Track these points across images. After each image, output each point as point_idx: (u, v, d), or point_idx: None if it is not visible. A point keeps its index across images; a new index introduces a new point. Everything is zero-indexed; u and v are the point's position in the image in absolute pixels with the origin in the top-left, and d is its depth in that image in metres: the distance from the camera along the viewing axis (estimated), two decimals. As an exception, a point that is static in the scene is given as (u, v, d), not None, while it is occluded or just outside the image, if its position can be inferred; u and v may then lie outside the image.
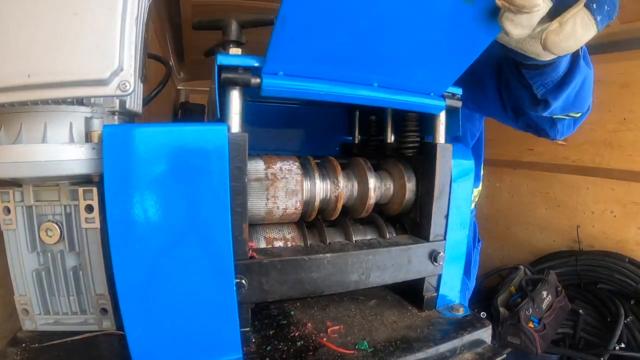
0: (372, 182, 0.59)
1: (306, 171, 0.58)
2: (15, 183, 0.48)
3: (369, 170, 0.60)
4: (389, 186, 0.63)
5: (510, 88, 0.72)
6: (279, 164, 0.55)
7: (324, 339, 0.53)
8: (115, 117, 0.52)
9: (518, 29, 0.42)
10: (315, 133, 0.84)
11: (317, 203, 0.57)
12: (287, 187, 0.54)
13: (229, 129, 0.45)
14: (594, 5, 0.41)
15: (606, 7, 0.42)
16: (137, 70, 0.41)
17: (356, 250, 0.55)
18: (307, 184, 0.57)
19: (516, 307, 1.63)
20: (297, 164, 0.57)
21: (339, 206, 0.58)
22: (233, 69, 0.45)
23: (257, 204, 0.53)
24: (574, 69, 0.58)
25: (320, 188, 0.57)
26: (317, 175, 0.57)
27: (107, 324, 0.52)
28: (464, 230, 0.64)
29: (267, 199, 0.54)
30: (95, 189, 0.47)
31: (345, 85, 0.50)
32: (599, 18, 0.42)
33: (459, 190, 0.62)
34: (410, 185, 0.61)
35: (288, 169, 0.55)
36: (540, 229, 2.17)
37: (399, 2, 0.41)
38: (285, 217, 0.57)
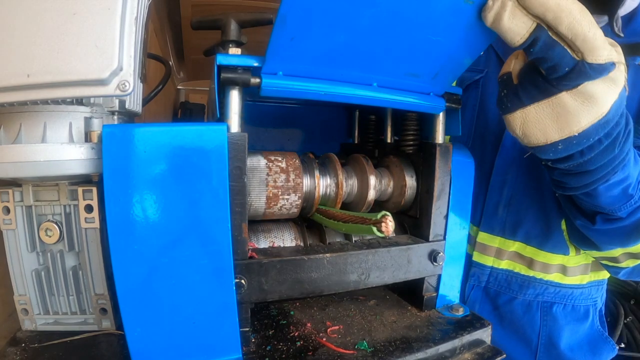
0: (372, 178, 0.59)
1: (306, 167, 0.58)
2: (14, 183, 0.48)
3: (369, 167, 0.60)
4: (389, 183, 0.63)
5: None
6: (278, 160, 0.55)
7: (324, 339, 0.53)
8: (115, 117, 0.52)
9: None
10: (315, 133, 0.84)
11: (316, 199, 0.57)
12: (286, 183, 0.55)
13: (228, 128, 0.45)
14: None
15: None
16: (137, 70, 0.41)
17: (356, 250, 0.55)
18: (307, 180, 0.57)
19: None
20: (297, 160, 0.57)
21: (339, 202, 0.58)
22: (232, 68, 0.45)
23: (256, 200, 0.53)
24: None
25: (320, 184, 0.57)
26: (317, 171, 0.57)
27: (107, 324, 0.52)
28: (463, 230, 0.64)
29: (267, 195, 0.54)
30: (94, 189, 0.47)
31: (345, 85, 0.50)
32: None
33: (459, 190, 0.62)
34: (410, 183, 0.62)
35: (288, 164, 0.55)
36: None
37: (399, 2, 0.41)
38: (285, 213, 0.57)
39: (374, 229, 0.46)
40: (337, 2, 0.40)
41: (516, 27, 0.40)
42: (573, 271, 0.77)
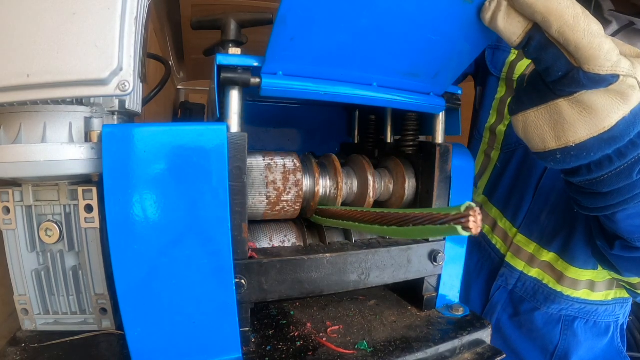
0: (372, 179, 0.59)
1: (306, 167, 0.58)
2: (14, 183, 0.48)
3: (369, 168, 0.60)
4: (389, 184, 0.63)
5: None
6: (278, 160, 0.55)
7: (324, 339, 0.53)
8: (115, 117, 0.52)
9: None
10: (315, 133, 0.84)
11: (316, 199, 0.57)
12: (286, 183, 0.55)
13: (228, 128, 0.45)
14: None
15: None
16: (137, 70, 0.41)
17: (356, 250, 0.55)
18: (306, 180, 0.57)
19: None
20: (296, 160, 0.57)
21: (339, 202, 0.58)
22: (232, 68, 0.45)
23: (256, 200, 0.53)
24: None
25: (320, 184, 0.57)
26: (316, 171, 0.57)
27: (107, 324, 0.52)
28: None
29: (266, 195, 0.54)
30: (94, 189, 0.47)
31: (345, 85, 0.50)
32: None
33: (459, 190, 0.62)
34: (410, 183, 0.62)
35: (288, 164, 0.55)
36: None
37: (399, 2, 0.41)
38: (285, 214, 0.57)
39: (459, 228, 0.33)
40: (337, 2, 0.40)
41: (512, 26, 0.39)
42: (600, 287, 0.76)
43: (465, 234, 0.32)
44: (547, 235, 0.77)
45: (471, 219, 0.32)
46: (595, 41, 0.36)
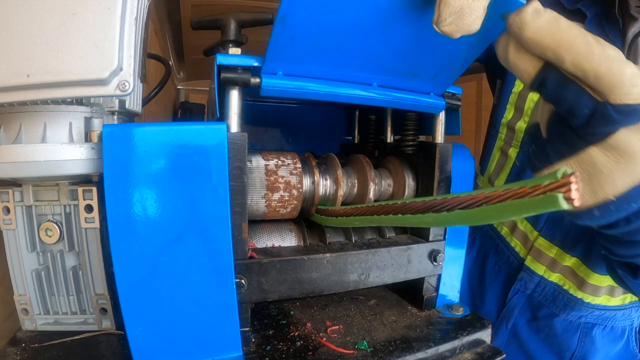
0: (372, 179, 0.59)
1: (305, 167, 0.58)
2: (14, 183, 0.48)
3: (369, 167, 0.60)
4: (389, 184, 0.63)
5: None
6: (278, 160, 0.55)
7: (324, 339, 0.53)
8: (115, 117, 0.52)
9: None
10: (315, 133, 0.84)
11: (316, 199, 0.57)
12: (286, 183, 0.55)
13: (228, 128, 0.45)
14: None
15: None
16: (137, 70, 0.41)
17: (356, 250, 0.55)
18: (306, 180, 0.57)
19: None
20: (296, 159, 0.57)
21: (339, 202, 0.58)
22: (232, 68, 0.45)
23: (255, 200, 0.53)
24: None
25: (320, 184, 0.58)
26: (316, 171, 0.57)
27: (107, 324, 0.52)
28: (463, 230, 0.64)
29: (266, 195, 0.54)
30: (94, 189, 0.47)
31: (345, 85, 0.50)
32: None
33: (459, 190, 0.62)
34: (410, 184, 0.62)
35: (287, 164, 0.55)
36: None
37: (400, 2, 0.41)
38: (285, 213, 0.57)
39: (559, 197, 0.26)
40: (337, 2, 0.40)
41: (523, 64, 0.35)
42: (618, 291, 0.74)
43: (567, 206, 0.26)
44: (571, 239, 0.74)
45: (573, 186, 0.26)
46: (614, 66, 0.31)
